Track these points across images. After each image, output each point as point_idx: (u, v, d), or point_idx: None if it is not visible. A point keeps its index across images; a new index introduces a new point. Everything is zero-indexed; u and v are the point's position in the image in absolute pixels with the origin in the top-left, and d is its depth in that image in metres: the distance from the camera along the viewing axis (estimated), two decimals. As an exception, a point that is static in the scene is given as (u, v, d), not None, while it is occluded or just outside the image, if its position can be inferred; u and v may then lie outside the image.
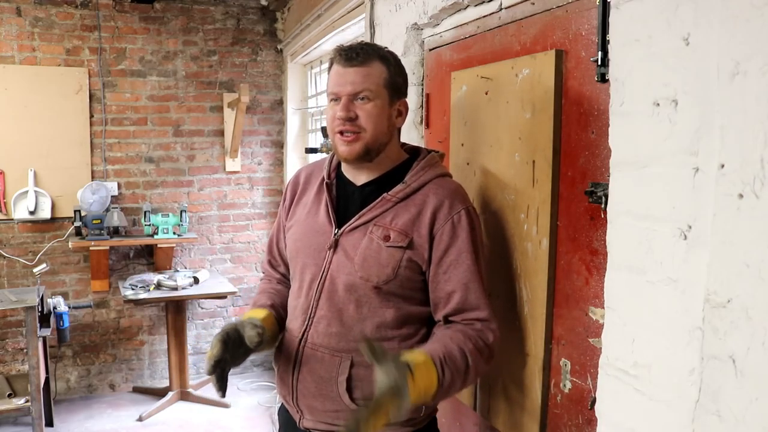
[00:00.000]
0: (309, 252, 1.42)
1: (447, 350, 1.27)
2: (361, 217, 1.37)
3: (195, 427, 3.63)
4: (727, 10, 0.88)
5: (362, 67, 1.34)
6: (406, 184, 1.38)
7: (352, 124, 1.34)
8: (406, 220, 1.35)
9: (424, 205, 1.35)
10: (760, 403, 0.85)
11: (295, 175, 1.58)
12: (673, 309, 1.00)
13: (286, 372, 1.44)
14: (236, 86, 4.14)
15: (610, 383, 1.15)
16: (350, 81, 1.34)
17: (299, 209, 1.50)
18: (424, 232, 1.34)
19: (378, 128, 1.36)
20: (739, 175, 0.87)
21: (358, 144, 1.35)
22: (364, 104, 1.34)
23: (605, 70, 1.19)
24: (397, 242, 1.33)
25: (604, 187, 1.22)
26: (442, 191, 1.37)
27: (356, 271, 1.34)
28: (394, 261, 1.33)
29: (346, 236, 1.38)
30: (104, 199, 3.84)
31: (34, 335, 3.17)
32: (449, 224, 1.34)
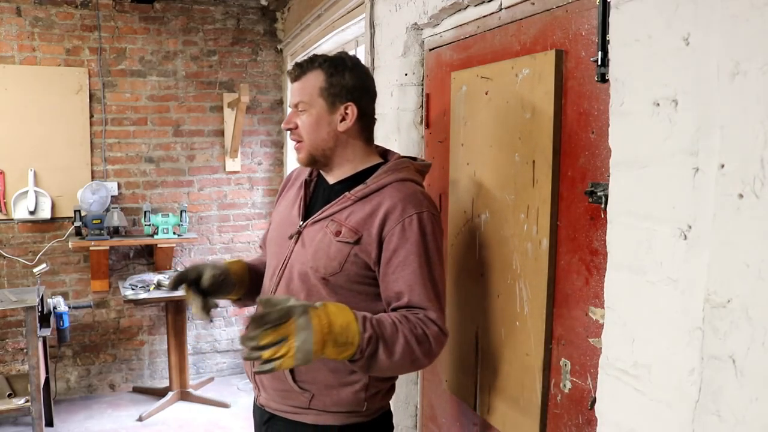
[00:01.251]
0: (278, 241, 1.54)
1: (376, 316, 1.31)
2: (323, 212, 1.46)
3: (195, 427, 3.63)
4: (727, 10, 0.88)
5: (299, 80, 1.46)
6: (366, 185, 1.44)
7: (294, 133, 1.48)
8: (359, 218, 1.41)
9: (379, 206, 1.40)
10: (760, 403, 0.85)
11: (288, 174, 1.71)
12: (673, 309, 1.00)
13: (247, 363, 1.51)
14: (236, 86, 4.14)
15: (610, 383, 1.15)
16: (292, 94, 1.48)
17: (280, 206, 1.63)
18: (374, 231, 1.39)
19: (315, 135, 1.46)
20: (739, 175, 0.87)
21: (303, 151, 1.48)
22: (301, 115, 1.46)
23: (605, 70, 1.19)
24: (346, 238, 1.41)
25: (604, 187, 1.22)
26: (398, 194, 1.41)
27: (308, 261, 1.43)
28: (341, 255, 1.40)
29: (308, 229, 1.47)
30: (104, 199, 3.84)
31: (34, 335, 3.17)
32: (399, 226, 1.37)
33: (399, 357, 1.29)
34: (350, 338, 1.24)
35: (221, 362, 4.42)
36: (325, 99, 1.44)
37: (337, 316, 1.24)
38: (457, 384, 1.86)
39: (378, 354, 1.27)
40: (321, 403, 1.44)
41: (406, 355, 1.30)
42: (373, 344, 1.26)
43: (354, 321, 1.25)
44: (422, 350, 1.32)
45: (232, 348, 4.45)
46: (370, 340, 1.26)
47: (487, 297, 1.67)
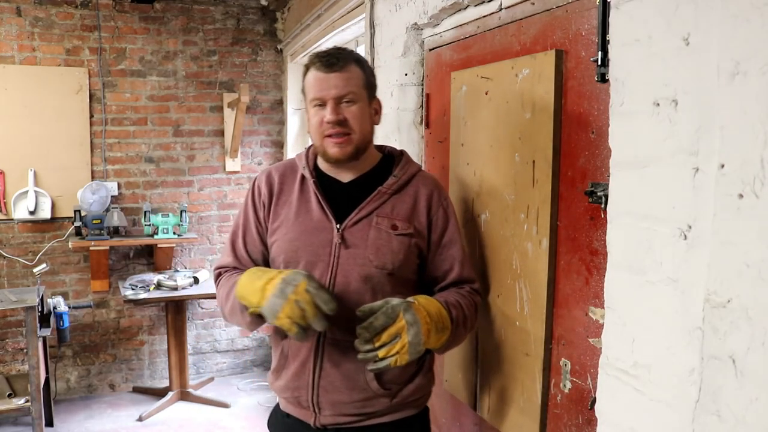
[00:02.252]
0: (312, 249, 1.43)
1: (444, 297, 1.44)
2: (362, 210, 1.44)
3: (195, 427, 3.63)
4: (727, 10, 0.88)
5: (342, 71, 1.40)
6: (397, 177, 1.47)
7: (341, 126, 1.40)
8: (405, 209, 1.46)
9: (417, 195, 1.47)
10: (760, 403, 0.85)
11: (266, 176, 1.55)
12: (673, 309, 1.00)
13: (302, 372, 1.44)
14: (236, 86, 4.14)
15: (610, 383, 1.15)
16: (334, 85, 1.39)
17: (282, 210, 1.50)
18: (423, 219, 1.46)
19: (364, 128, 1.44)
20: (739, 175, 0.87)
21: (350, 145, 1.42)
22: (350, 106, 1.40)
23: (605, 70, 1.19)
24: (404, 230, 1.44)
25: (604, 187, 1.22)
26: (428, 182, 1.51)
27: (371, 261, 1.41)
28: (404, 247, 1.43)
29: (349, 230, 1.43)
30: (104, 199, 3.84)
31: (34, 335, 3.17)
32: (441, 210, 1.49)
33: (469, 330, 1.47)
34: (445, 323, 1.35)
35: (221, 362, 4.42)
36: (367, 92, 1.45)
37: (429, 305, 1.35)
38: (457, 384, 1.86)
39: (459, 333, 1.42)
40: (401, 397, 1.46)
41: (470, 326, 1.47)
42: (458, 324, 1.39)
43: (442, 307, 1.37)
44: (476, 320, 1.50)
45: (232, 348, 4.45)
46: (457, 322, 1.39)
47: (487, 297, 1.67)
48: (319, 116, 1.41)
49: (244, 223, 1.55)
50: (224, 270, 1.56)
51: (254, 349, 4.49)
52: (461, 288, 1.49)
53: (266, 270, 1.41)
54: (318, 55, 1.43)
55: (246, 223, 1.55)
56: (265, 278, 1.33)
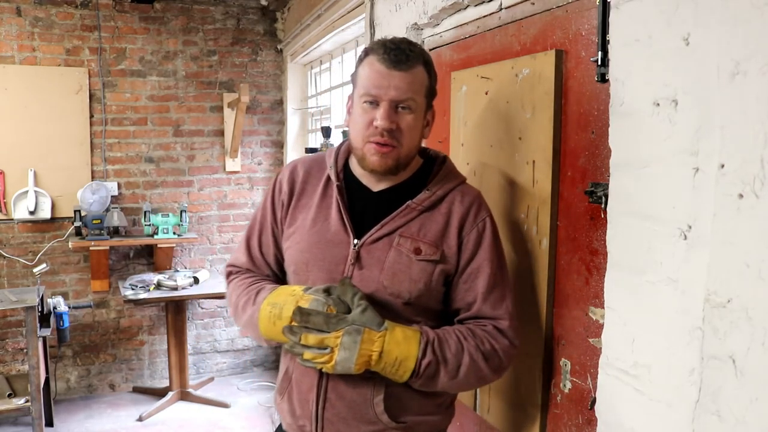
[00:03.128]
0: (323, 265, 1.27)
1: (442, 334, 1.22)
2: (384, 227, 1.26)
3: (195, 427, 3.63)
4: (727, 10, 0.88)
5: (408, 71, 1.21)
6: (431, 192, 1.28)
7: (391, 136, 1.21)
8: (435, 231, 1.26)
9: (451, 214, 1.28)
10: (760, 403, 0.85)
11: (290, 171, 1.38)
12: (673, 309, 1.00)
13: (306, 401, 1.30)
14: (236, 86, 4.14)
15: (610, 383, 1.15)
16: (395, 86, 1.20)
17: (300, 213, 1.33)
18: (453, 243, 1.27)
19: (413, 141, 1.26)
20: (739, 175, 0.87)
21: (392, 158, 1.24)
22: (406, 114, 1.22)
23: (605, 70, 1.19)
24: (429, 255, 1.24)
25: (604, 187, 1.22)
26: (468, 198, 1.30)
27: (385, 287, 1.23)
28: (426, 275, 1.24)
29: (367, 248, 1.25)
30: (104, 199, 3.84)
31: (34, 335, 3.17)
32: (475, 232, 1.28)
33: (463, 376, 1.22)
34: (400, 372, 1.18)
35: (221, 362, 4.42)
36: (427, 101, 1.27)
37: (396, 348, 1.16)
38: (457, 384, 1.85)
39: (438, 377, 1.21)
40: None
41: (471, 373, 1.23)
42: (432, 368, 1.19)
43: (414, 357, 1.17)
44: (490, 367, 1.24)
45: (232, 348, 4.45)
46: (428, 366, 1.18)
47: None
48: (368, 116, 1.22)
49: (261, 221, 1.40)
50: (236, 270, 1.41)
51: (254, 349, 4.49)
52: (483, 326, 1.26)
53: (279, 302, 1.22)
54: (385, 45, 1.22)
55: (263, 221, 1.40)
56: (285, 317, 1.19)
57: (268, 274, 1.40)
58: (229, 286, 1.41)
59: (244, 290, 1.33)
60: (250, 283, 1.35)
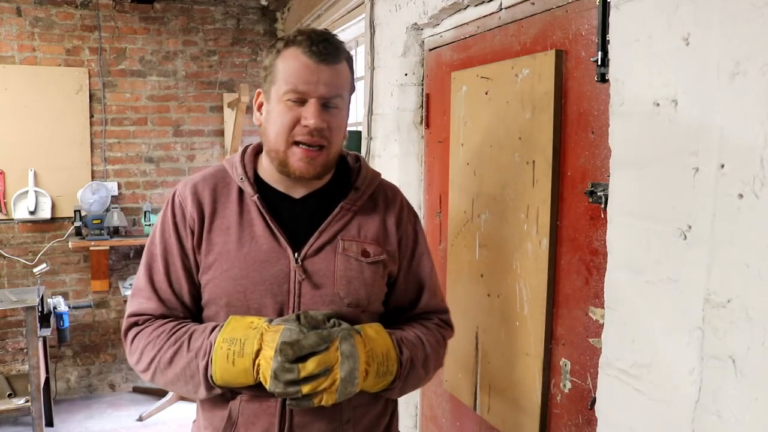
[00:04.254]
0: (264, 289, 1.12)
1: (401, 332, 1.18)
2: (323, 234, 1.16)
3: (195, 427, 3.63)
4: (727, 10, 0.89)
5: (336, 66, 1.11)
6: (360, 191, 1.21)
7: (320, 135, 1.10)
8: (374, 229, 1.20)
9: (385, 210, 1.23)
10: (760, 403, 0.85)
11: (191, 192, 1.18)
12: (673, 309, 1.00)
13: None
14: (236, 86, 4.14)
15: (610, 383, 1.15)
16: (324, 81, 1.09)
17: (219, 238, 1.15)
18: (393, 240, 1.22)
19: (341, 142, 1.18)
20: (739, 175, 0.87)
21: (320, 162, 1.13)
22: (334, 113, 1.12)
23: (605, 70, 1.19)
24: (377, 256, 1.18)
25: (604, 187, 1.22)
26: (393, 194, 1.27)
27: (342, 298, 1.14)
28: (378, 277, 1.19)
29: (310, 260, 1.14)
30: (104, 199, 3.84)
31: (34, 335, 3.17)
32: (410, 227, 1.26)
33: (431, 371, 1.20)
34: (390, 366, 1.10)
35: (221, 362, 4.42)
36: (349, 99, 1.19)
37: (377, 342, 1.10)
38: (457, 384, 1.86)
39: (413, 374, 1.16)
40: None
41: (433, 367, 1.21)
42: (409, 365, 1.14)
43: (392, 346, 1.12)
44: (442, 356, 1.25)
45: (232, 348, 4.44)
46: (407, 363, 1.13)
47: (487, 297, 1.67)
48: (292, 114, 1.09)
49: (164, 256, 1.17)
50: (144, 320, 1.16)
51: (254, 349, 4.49)
52: (429, 320, 1.25)
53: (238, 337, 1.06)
54: (311, 36, 1.10)
55: (167, 256, 1.16)
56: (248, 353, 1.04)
57: (185, 316, 1.18)
58: (135, 342, 1.15)
59: (166, 341, 1.11)
60: (171, 329, 1.13)
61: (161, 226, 1.19)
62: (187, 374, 1.09)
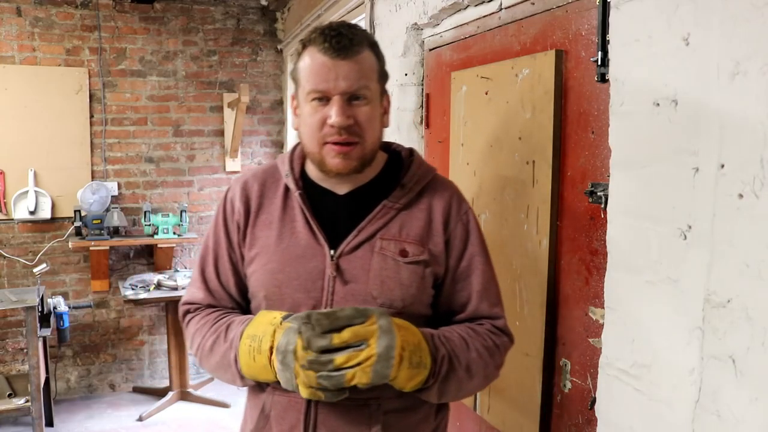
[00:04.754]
0: (299, 284, 1.13)
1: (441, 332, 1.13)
2: (362, 232, 1.14)
3: (195, 427, 3.63)
4: (727, 10, 0.89)
5: (356, 58, 1.08)
6: (406, 188, 1.17)
7: (349, 132, 1.09)
8: (417, 229, 1.15)
9: (431, 209, 1.18)
10: (760, 403, 0.85)
11: (241, 187, 1.23)
12: (673, 309, 1.00)
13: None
14: (236, 86, 4.14)
15: (610, 383, 1.15)
16: (344, 76, 1.07)
17: (263, 232, 1.18)
18: (439, 240, 1.16)
19: (376, 134, 1.14)
20: (739, 175, 0.87)
21: (356, 157, 1.11)
22: (362, 106, 1.10)
23: (605, 70, 1.19)
24: (416, 256, 1.14)
25: (604, 187, 1.22)
26: (446, 191, 1.20)
27: (374, 298, 1.11)
28: (416, 278, 1.13)
29: (346, 258, 1.13)
30: (104, 199, 3.84)
31: (34, 335, 3.17)
32: (460, 226, 1.18)
33: (477, 377, 1.12)
34: (423, 358, 1.04)
35: (221, 362, 4.42)
36: (380, 87, 1.15)
37: (408, 331, 1.04)
38: (457, 384, 1.85)
39: (453, 376, 1.09)
40: None
41: (481, 370, 1.13)
42: (447, 364, 1.07)
43: (423, 339, 1.06)
44: (495, 363, 1.16)
45: (232, 348, 4.44)
46: (443, 360, 1.07)
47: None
48: (319, 115, 1.09)
49: (215, 249, 1.23)
50: (194, 308, 1.24)
51: (254, 349, 4.49)
52: (480, 324, 1.17)
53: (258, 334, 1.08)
54: (323, 32, 1.08)
55: (217, 249, 1.23)
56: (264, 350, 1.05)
57: (232, 306, 1.24)
58: (188, 328, 1.23)
59: (209, 329, 1.18)
60: (215, 319, 1.19)
61: (214, 220, 1.25)
62: (225, 364, 1.13)
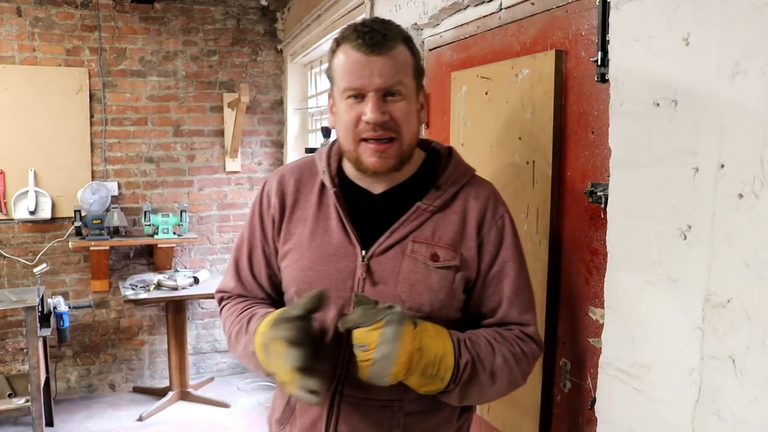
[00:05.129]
0: (329, 283, 1.13)
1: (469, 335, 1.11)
2: (394, 233, 1.13)
3: (195, 427, 3.63)
4: (727, 10, 0.88)
5: (390, 54, 1.07)
6: (441, 190, 1.15)
7: (385, 129, 1.08)
8: (450, 232, 1.14)
9: (466, 212, 1.15)
10: (760, 403, 0.85)
11: (277, 181, 1.23)
12: (673, 309, 1.00)
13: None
14: (236, 86, 4.14)
15: (610, 383, 1.15)
16: (378, 72, 1.06)
17: (296, 227, 1.19)
18: (472, 244, 1.14)
19: (413, 130, 1.13)
20: (739, 175, 0.87)
21: (393, 155, 1.10)
22: (397, 102, 1.09)
23: (605, 70, 1.19)
24: (447, 261, 1.12)
25: (604, 187, 1.22)
26: (483, 193, 1.18)
27: (403, 301, 1.10)
28: (446, 283, 1.12)
29: (377, 259, 1.12)
30: (104, 199, 3.84)
31: (35, 335, 3.17)
32: (494, 230, 1.16)
33: (499, 380, 1.10)
34: (441, 373, 1.03)
35: (221, 362, 4.42)
36: (416, 83, 1.14)
37: (433, 342, 1.03)
38: (457, 384, 1.85)
39: (476, 381, 1.07)
40: None
41: (505, 376, 1.11)
42: (470, 369, 1.06)
43: (451, 353, 1.04)
44: (521, 370, 1.14)
45: (232, 348, 4.44)
46: (466, 366, 1.05)
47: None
48: (354, 112, 1.09)
49: (250, 240, 1.26)
50: (227, 296, 1.28)
51: (254, 349, 4.49)
52: (509, 330, 1.15)
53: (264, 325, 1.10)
54: (356, 29, 1.08)
55: (252, 241, 1.25)
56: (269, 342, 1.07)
57: (263, 297, 1.26)
58: (221, 315, 1.28)
59: (236, 318, 1.21)
60: (242, 309, 1.22)
61: (251, 212, 1.27)
62: (247, 354, 1.15)
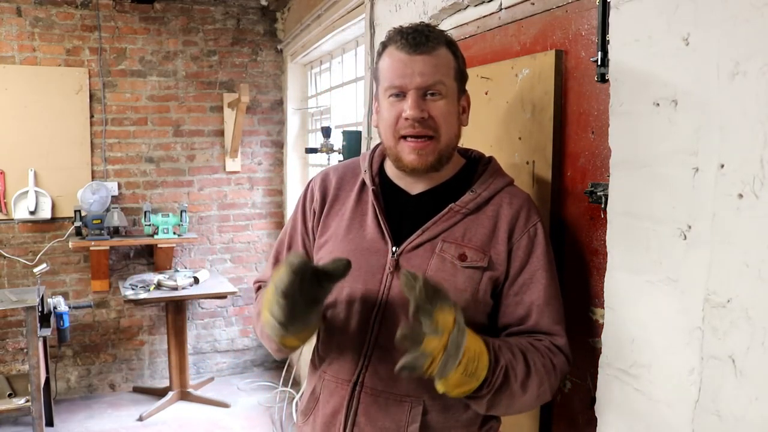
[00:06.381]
0: (358, 275, 1.15)
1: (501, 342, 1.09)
2: (425, 232, 1.16)
3: (195, 427, 3.63)
4: (727, 10, 0.89)
5: (432, 54, 1.12)
6: (476, 194, 1.17)
7: (424, 126, 1.12)
8: (481, 235, 1.15)
9: (498, 217, 1.17)
10: (760, 403, 0.85)
11: (321, 177, 1.31)
12: (673, 309, 1.00)
13: (331, 424, 1.17)
14: (236, 86, 4.14)
15: (610, 383, 1.15)
16: (419, 71, 1.11)
17: (334, 221, 1.25)
18: (502, 249, 1.15)
19: (451, 130, 1.16)
20: (739, 175, 0.87)
21: (432, 153, 1.14)
22: (437, 101, 1.12)
23: (605, 70, 1.19)
24: (475, 262, 1.13)
25: (604, 187, 1.22)
26: (517, 201, 1.19)
27: None
28: (472, 283, 1.13)
29: (406, 255, 1.15)
30: (104, 199, 3.84)
31: (35, 335, 3.17)
32: (526, 238, 1.16)
33: (530, 394, 1.08)
34: (479, 370, 1.01)
35: (221, 362, 4.43)
36: (458, 85, 1.17)
37: (472, 338, 1.02)
38: (457, 384, 1.85)
39: (507, 389, 1.05)
40: None
41: (536, 387, 1.09)
42: (503, 376, 1.04)
43: (486, 352, 1.03)
44: (551, 383, 1.12)
45: (232, 348, 4.45)
46: (501, 371, 1.04)
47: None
48: (395, 110, 1.13)
49: (291, 232, 1.32)
50: (264, 285, 1.32)
51: (254, 349, 4.49)
52: (539, 340, 1.14)
53: None
54: (401, 31, 1.13)
55: (293, 233, 1.32)
56: None
57: None
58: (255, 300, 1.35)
59: (259, 299, 1.25)
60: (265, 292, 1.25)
61: (295, 207, 1.34)
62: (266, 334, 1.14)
